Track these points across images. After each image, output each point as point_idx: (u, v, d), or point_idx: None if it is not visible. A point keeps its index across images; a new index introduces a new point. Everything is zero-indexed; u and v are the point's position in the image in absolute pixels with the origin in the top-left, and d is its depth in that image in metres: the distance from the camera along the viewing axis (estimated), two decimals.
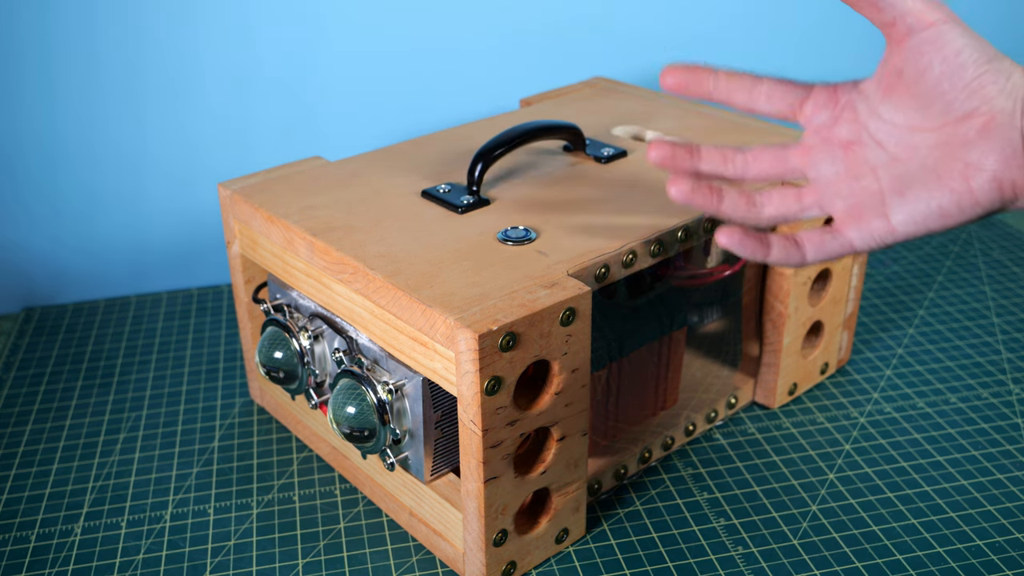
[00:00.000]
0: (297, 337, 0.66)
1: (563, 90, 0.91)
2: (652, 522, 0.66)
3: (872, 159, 0.50)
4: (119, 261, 0.98)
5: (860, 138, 0.51)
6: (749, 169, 0.54)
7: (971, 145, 0.47)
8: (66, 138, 0.92)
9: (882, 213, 0.50)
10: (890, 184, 0.49)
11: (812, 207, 0.52)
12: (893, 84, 0.49)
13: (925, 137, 0.49)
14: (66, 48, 0.89)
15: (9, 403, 0.80)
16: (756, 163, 0.53)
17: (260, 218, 0.67)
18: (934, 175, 0.48)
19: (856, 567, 0.61)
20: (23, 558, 0.64)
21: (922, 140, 0.49)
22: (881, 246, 0.51)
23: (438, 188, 0.68)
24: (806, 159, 0.53)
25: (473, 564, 0.59)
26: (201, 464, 0.72)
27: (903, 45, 0.48)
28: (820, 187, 0.52)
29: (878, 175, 0.50)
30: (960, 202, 0.48)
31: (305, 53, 0.94)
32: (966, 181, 0.47)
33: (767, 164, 0.53)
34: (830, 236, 0.52)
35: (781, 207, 0.53)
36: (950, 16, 0.47)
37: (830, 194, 0.52)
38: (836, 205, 0.51)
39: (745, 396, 0.77)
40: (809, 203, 0.52)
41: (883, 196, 0.50)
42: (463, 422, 0.54)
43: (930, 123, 0.48)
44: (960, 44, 0.47)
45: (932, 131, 0.48)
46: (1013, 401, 0.78)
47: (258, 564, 0.63)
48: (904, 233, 0.49)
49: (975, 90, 0.47)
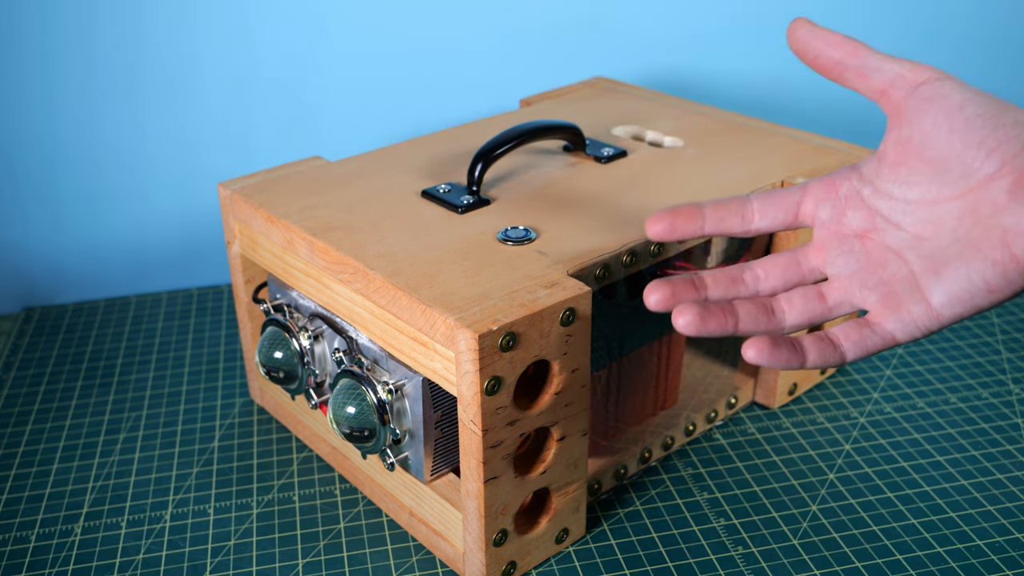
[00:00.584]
0: (297, 337, 0.66)
1: (563, 90, 0.91)
2: (652, 522, 0.66)
3: (894, 243, 0.46)
4: (119, 261, 0.98)
5: (874, 224, 0.47)
6: (762, 285, 0.49)
7: (1004, 210, 0.42)
8: (66, 138, 0.92)
9: (921, 298, 0.45)
10: (922, 265, 0.45)
11: (841, 305, 0.48)
12: (900, 157, 0.46)
13: (948, 208, 0.44)
14: (66, 48, 0.89)
15: (9, 403, 0.80)
16: (768, 277, 0.49)
17: (260, 218, 0.67)
18: (971, 248, 0.43)
19: (856, 567, 0.61)
20: (23, 558, 0.64)
21: (946, 212, 0.45)
22: (927, 333, 0.46)
23: (438, 188, 0.68)
24: (821, 258, 0.49)
25: (473, 564, 0.59)
26: (201, 464, 0.72)
27: (901, 110, 0.45)
28: (844, 283, 0.48)
29: (906, 258, 0.46)
30: (1007, 273, 0.43)
31: (305, 53, 0.94)
32: (1008, 249, 0.42)
33: (780, 274, 0.49)
34: (869, 331, 0.47)
35: (805, 312, 0.48)
36: (943, 73, 0.45)
37: (857, 288, 0.47)
38: (867, 298, 0.47)
39: (745, 396, 0.77)
40: (836, 302, 0.48)
41: (916, 279, 0.45)
42: (463, 422, 0.54)
43: (950, 191, 0.44)
44: (960, 98, 0.44)
45: (954, 200, 0.44)
46: (1013, 401, 0.78)
47: (258, 564, 0.63)
48: (950, 316, 0.44)
49: (993, 148, 0.43)
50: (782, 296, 0.49)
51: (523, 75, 1.01)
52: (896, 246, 0.46)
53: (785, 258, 0.49)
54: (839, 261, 0.48)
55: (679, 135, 0.79)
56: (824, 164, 0.72)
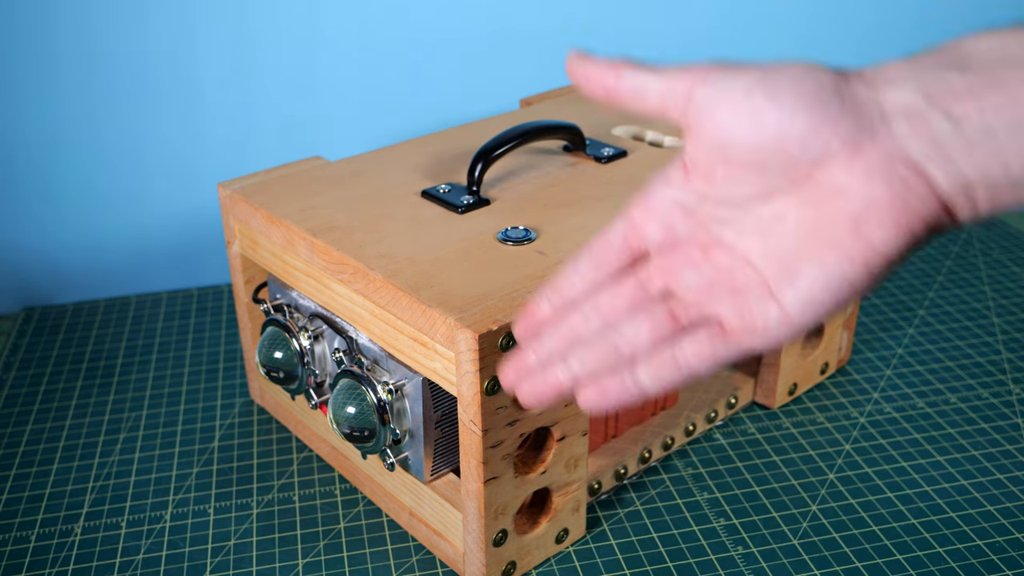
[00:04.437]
0: (297, 337, 0.66)
1: (563, 90, 0.91)
2: (652, 522, 0.66)
3: (740, 249, 0.40)
4: (119, 261, 0.98)
5: (710, 232, 0.41)
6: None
7: (844, 194, 0.36)
8: (66, 138, 0.92)
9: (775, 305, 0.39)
10: (773, 270, 0.39)
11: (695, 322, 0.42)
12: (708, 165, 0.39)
13: (783, 204, 0.38)
14: (66, 47, 0.89)
15: (9, 403, 0.80)
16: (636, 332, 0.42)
17: (260, 218, 0.67)
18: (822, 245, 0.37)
19: (856, 567, 0.61)
20: (23, 558, 0.64)
21: (782, 209, 0.38)
22: (784, 341, 0.40)
23: (438, 188, 0.68)
24: (667, 276, 0.42)
25: (473, 564, 0.59)
26: (201, 464, 0.72)
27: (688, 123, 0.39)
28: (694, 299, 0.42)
29: (755, 264, 0.40)
30: (868, 263, 0.37)
31: (305, 53, 0.94)
32: (862, 238, 0.36)
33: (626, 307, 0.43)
34: (722, 344, 0.41)
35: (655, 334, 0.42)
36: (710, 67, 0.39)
37: (709, 302, 0.41)
38: (721, 309, 0.41)
39: (745, 396, 0.77)
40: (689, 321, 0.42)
41: (769, 286, 0.39)
42: (463, 422, 0.54)
43: (778, 186, 0.38)
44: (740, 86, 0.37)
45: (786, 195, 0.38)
46: (1013, 401, 0.78)
47: (258, 564, 0.63)
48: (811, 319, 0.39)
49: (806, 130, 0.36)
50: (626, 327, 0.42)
51: (523, 75, 1.01)
52: (743, 252, 0.40)
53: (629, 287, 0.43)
54: (685, 280, 0.42)
55: (679, 135, 0.79)
56: None
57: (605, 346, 0.42)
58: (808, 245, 0.38)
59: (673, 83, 0.39)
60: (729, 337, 0.41)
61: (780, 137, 0.36)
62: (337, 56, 0.95)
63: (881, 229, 0.36)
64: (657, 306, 0.42)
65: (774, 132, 0.36)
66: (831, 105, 0.36)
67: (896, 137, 0.36)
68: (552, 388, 0.43)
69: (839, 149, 0.36)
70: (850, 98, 0.36)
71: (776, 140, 0.36)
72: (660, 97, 0.40)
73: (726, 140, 0.38)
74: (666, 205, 0.42)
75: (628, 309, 0.43)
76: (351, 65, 0.96)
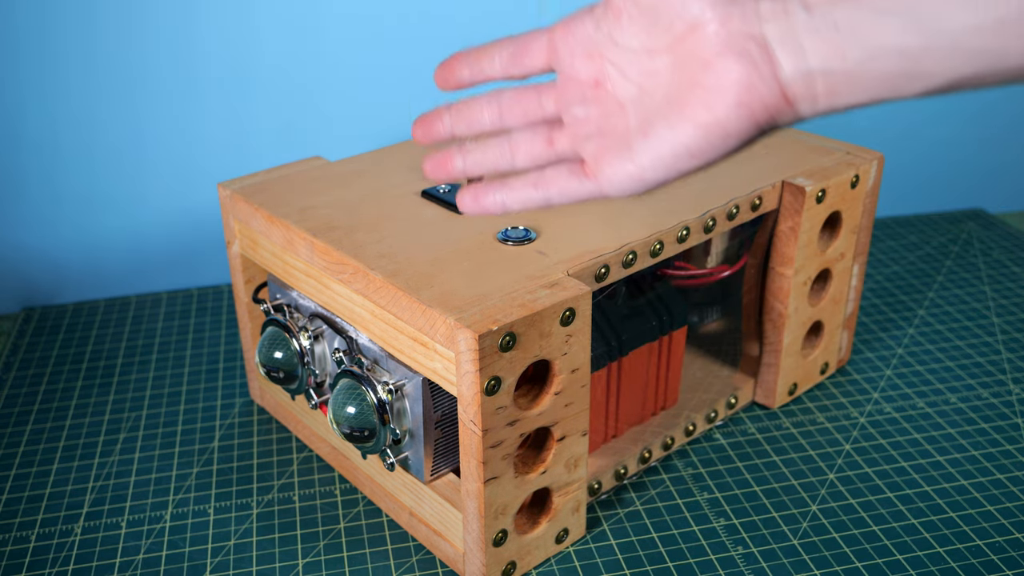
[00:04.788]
0: (297, 337, 0.66)
1: None
2: (652, 522, 0.66)
3: (621, 94, 0.44)
4: (119, 261, 0.98)
5: (604, 72, 0.44)
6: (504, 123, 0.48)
7: (707, 65, 0.40)
8: (66, 138, 0.92)
9: (629, 156, 0.43)
10: (637, 123, 0.43)
11: (565, 153, 0.47)
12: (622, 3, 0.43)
13: (663, 61, 0.42)
14: (66, 47, 0.89)
15: (9, 403, 0.80)
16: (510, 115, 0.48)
17: (260, 218, 0.67)
18: (677, 107, 0.41)
19: (856, 567, 0.61)
20: (23, 558, 0.64)
21: (661, 65, 0.42)
22: (632, 192, 0.44)
23: (438, 188, 0.68)
24: (561, 103, 0.46)
25: (473, 564, 0.59)
26: (201, 464, 0.72)
27: None
28: (573, 130, 0.46)
29: (627, 112, 0.43)
30: (709, 136, 0.40)
31: (305, 53, 0.94)
32: (709, 111, 0.40)
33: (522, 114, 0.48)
34: (577, 180, 0.46)
35: (530, 155, 0.47)
36: None
37: (581, 136, 0.45)
38: (586, 147, 0.45)
39: (745, 396, 0.77)
40: (562, 149, 0.46)
41: (629, 136, 0.43)
42: (463, 422, 0.54)
43: (662, 42, 0.41)
44: None
45: (665, 53, 0.41)
46: (1013, 401, 0.78)
47: (258, 564, 0.63)
48: (653, 178, 0.43)
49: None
50: (515, 135, 0.48)
51: None
52: (622, 98, 0.44)
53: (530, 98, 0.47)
54: (573, 108, 0.46)
55: None
56: (823, 163, 0.72)
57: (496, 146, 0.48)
58: (668, 105, 0.41)
59: None
60: (586, 177, 0.45)
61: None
62: (337, 56, 0.95)
63: (724, 102, 0.40)
64: (541, 127, 0.47)
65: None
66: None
67: (760, 17, 0.39)
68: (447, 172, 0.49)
69: (711, 19, 0.39)
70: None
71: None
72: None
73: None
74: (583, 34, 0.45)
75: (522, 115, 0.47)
76: (351, 65, 0.96)
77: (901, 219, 1.10)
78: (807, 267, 0.71)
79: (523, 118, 0.48)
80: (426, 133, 0.50)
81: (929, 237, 1.05)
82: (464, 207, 0.50)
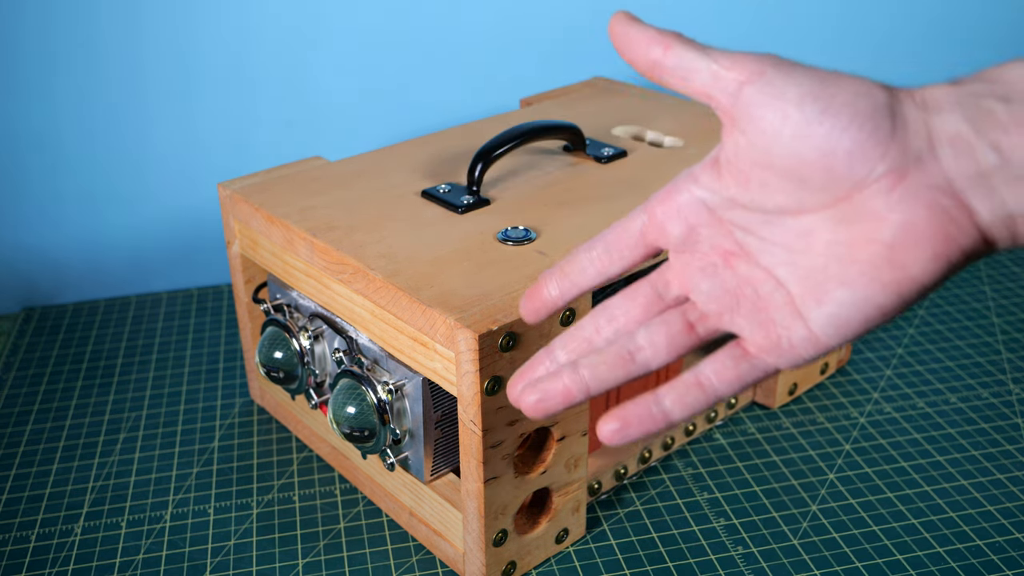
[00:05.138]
0: (297, 337, 0.66)
1: (563, 90, 0.91)
2: (652, 522, 0.66)
3: (764, 261, 0.38)
4: (119, 261, 0.98)
5: (734, 239, 0.39)
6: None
7: (883, 220, 0.35)
8: (66, 138, 0.92)
9: (802, 325, 0.37)
10: (801, 288, 0.37)
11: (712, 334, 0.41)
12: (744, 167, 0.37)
13: (817, 221, 0.37)
14: (66, 47, 0.89)
15: (9, 403, 0.80)
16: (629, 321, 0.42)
17: (260, 218, 0.67)
18: (854, 268, 0.36)
19: (856, 567, 0.61)
20: (23, 558, 0.64)
21: (815, 225, 0.37)
22: (808, 361, 0.39)
23: (438, 188, 0.68)
24: (683, 284, 0.41)
25: (473, 564, 0.59)
26: (201, 464, 0.72)
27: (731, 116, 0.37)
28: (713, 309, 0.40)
29: (779, 279, 0.38)
30: (903, 293, 0.36)
31: (305, 53, 0.94)
32: (902, 269, 0.35)
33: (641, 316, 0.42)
34: (746, 363, 0.39)
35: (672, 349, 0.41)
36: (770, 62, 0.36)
37: (728, 315, 0.40)
38: (741, 326, 0.39)
39: (745, 396, 0.77)
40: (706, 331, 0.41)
41: (795, 304, 0.37)
42: (463, 422, 0.54)
43: (814, 202, 0.36)
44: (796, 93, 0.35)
45: (821, 211, 0.36)
46: (1013, 401, 0.78)
47: (258, 564, 0.63)
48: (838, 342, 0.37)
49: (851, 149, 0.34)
50: (641, 334, 0.41)
51: (523, 75, 1.01)
52: (767, 264, 0.38)
53: (644, 294, 0.42)
54: (703, 286, 0.40)
55: (679, 135, 0.79)
56: None
57: (617, 352, 0.41)
58: (838, 266, 0.36)
59: (724, 71, 0.37)
60: (752, 356, 0.39)
61: (827, 153, 0.35)
62: (337, 56, 0.95)
63: (918, 257, 0.35)
64: (673, 314, 0.41)
65: (822, 146, 0.35)
66: (882, 127, 0.34)
67: (942, 166, 0.34)
68: (560, 396, 0.41)
69: (884, 174, 0.35)
70: (901, 121, 0.35)
71: (822, 155, 0.35)
72: (707, 83, 0.37)
73: (770, 145, 0.36)
74: (691, 203, 0.40)
75: (641, 315, 0.41)
76: (351, 65, 0.96)
77: None
78: None
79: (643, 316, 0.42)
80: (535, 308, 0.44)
81: None
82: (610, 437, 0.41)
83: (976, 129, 0.34)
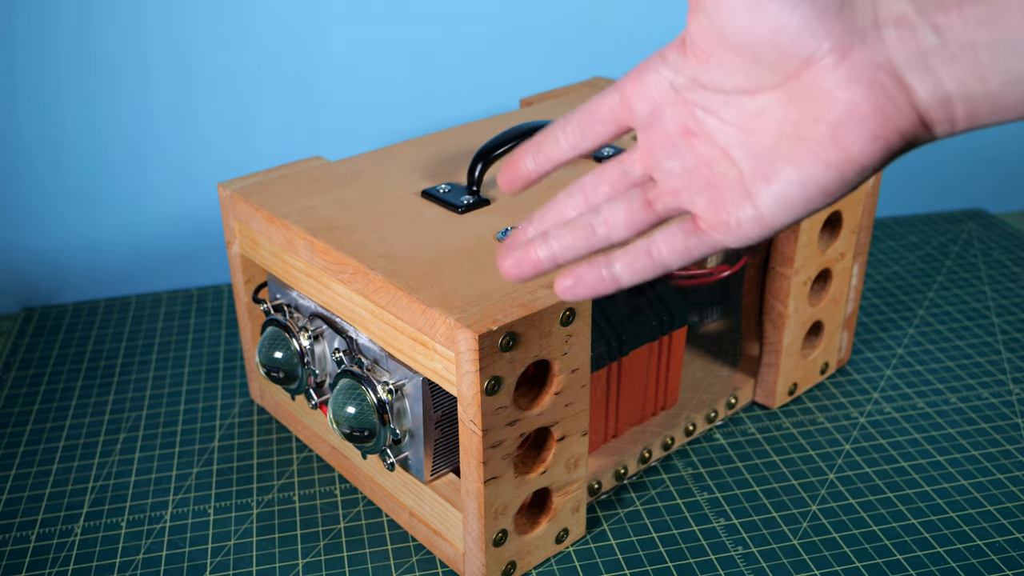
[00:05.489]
0: (297, 337, 0.66)
1: (563, 90, 0.91)
2: (652, 522, 0.66)
3: (720, 140, 0.40)
4: (119, 261, 0.98)
5: (695, 119, 0.41)
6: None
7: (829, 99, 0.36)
8: (66, 138, 0.92)
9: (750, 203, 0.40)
10: (751, 167, 0.39)
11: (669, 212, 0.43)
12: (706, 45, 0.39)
13: (769, 100, 0.38)
14: (66, 47, 0.89)
15: (9, 403, 0.80)
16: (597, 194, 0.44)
17: (260, 218, 0.67)
18: (800, 146, 0.38)
19: (856, 567, 0.61)
20: (23, 558, 0.64)
21: (768, 104, 0.38)
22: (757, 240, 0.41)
23: (438, 188, 0.68)
24: (648, 162, 0.43)
25: (473, 564, 0.59)
26: (201, 464, 0.72)
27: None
28: (672, 186, 0.42)
29: (733, 158, 0.40)
30: (844, 173, 0.37)
31: (305, 53, 0.94)
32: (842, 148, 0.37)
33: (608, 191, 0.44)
34: (695, 238, 0.42)
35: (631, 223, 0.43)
36: None
37: (685, 192, 0.42)
38: (696, 202, 0.41)
39: (745, 396, 0.77)
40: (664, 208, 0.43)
41: (745, 183, 0.39)
42: (463, 422, 0.54)
43: (768, 80, 0.38)
44: None
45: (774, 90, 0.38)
46: (1013, 401, 0.78)
47: (258, 564, 0.63)
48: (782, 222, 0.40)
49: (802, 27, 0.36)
50: (604, 208, 0.43)
51: (523, 75, 1.01)
52: (723, 144, 0.40)
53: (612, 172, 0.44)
54: (665, 165, 0.42)
55: None
56: None
57: (582, 224, 0.43)
58: (787, 145, 0.38)
59: None
60: (702, 232, 0.42)
61: (778, 30, 0.36)
62: (337, 56, 0.95)
63: (859, 138, 0.36)
64: (634, 191, 0.43)
65: (773, 24, 0.36)
66: (831, 5, 0.36)
67: (885, 45, 0.36)
68: (532, 264, 0.44)
69: (830, 50, 0.36)
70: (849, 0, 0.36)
71: (773, 32, 0.36)
72: None
73: (727, 23, 0.38)
74: (659, 83, 0.42)
75: (609, 192, 0.44)
76: (351, 65, 0.96)
77: (901, 219, 1.10)
78: (807, 267, 0.71)
79: (611, 193, 0.44)
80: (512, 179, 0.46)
81: (929, 237, 1.05)
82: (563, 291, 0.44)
83: (918, 9, 0.35)
